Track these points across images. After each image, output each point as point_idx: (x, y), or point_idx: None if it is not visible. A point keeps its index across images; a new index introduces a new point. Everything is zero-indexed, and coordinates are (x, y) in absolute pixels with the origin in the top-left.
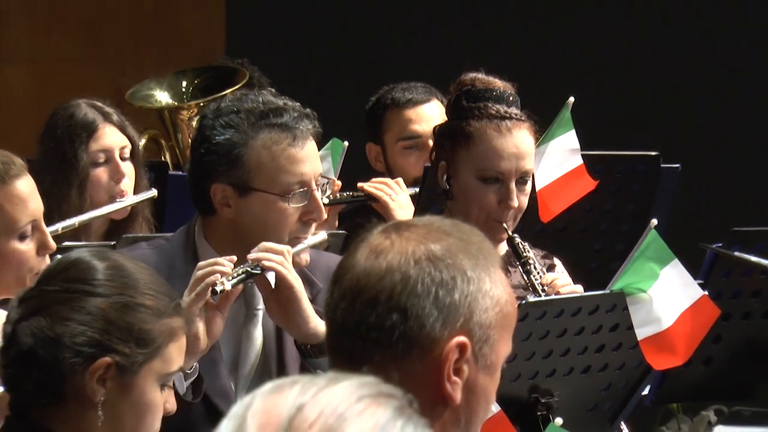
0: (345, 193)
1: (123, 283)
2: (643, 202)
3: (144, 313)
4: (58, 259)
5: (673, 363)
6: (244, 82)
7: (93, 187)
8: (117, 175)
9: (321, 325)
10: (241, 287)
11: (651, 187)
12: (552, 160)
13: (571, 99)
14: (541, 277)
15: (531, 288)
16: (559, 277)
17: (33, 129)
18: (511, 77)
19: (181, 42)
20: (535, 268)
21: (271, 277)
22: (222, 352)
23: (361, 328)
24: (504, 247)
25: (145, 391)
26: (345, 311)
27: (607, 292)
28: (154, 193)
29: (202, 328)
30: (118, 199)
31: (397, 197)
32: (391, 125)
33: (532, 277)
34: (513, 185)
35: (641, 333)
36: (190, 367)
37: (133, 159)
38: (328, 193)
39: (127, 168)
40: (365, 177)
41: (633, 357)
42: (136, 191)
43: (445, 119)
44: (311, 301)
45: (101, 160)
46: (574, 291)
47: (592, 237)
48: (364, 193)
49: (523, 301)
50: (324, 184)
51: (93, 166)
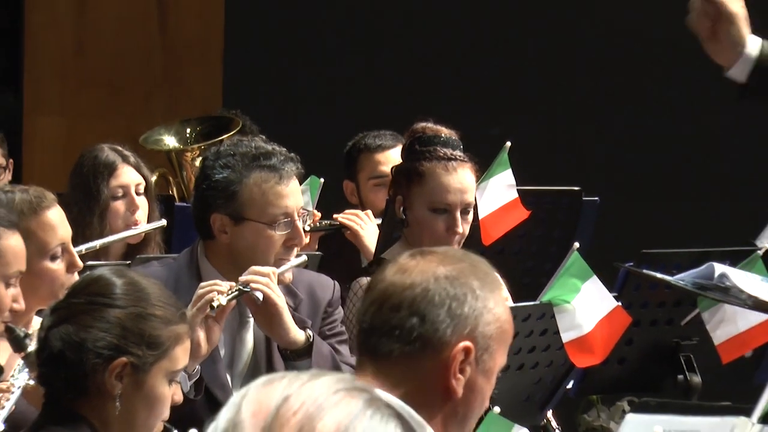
0: (324, 222)
1: (137, 296)
2: (568, 228)
3: (154, 321)
4: (82, 276)
5: (593, 361)
6: (237, 129)
7: (112, 217)
8: (132, 207)
9: (299, 335)
10: (234, 302)
11: (574, 217)
12: (492, 194)
13: (508, 143)
14: None
15: None
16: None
17: (63, 169)
18: (455, 126)
19: (186, 96)
20: None
21: (259, 294)
22: (220, 353)
23: (386, 327)
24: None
25: (156, 386)
26: (373, 314)
27: (537, 303)
28: (163, 222)
29: (203, 336)
30: (133, 227)
31: (366, 226)
32: (364, 166)
33: None
34: (458, 215)
35: (566, 337)
36: (193, 369)
37: (146, 193)
38: (309, 222)
39: (141, 201)
40: (340, 209)
41: (559, 356)
42: (149, 220)
43: (401, 160)
44: (294, 309)
45: (119, 195)
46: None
47: (525, 258)
48: (339, 222)
49: None
50: (305, 215)
51: (113, 199)
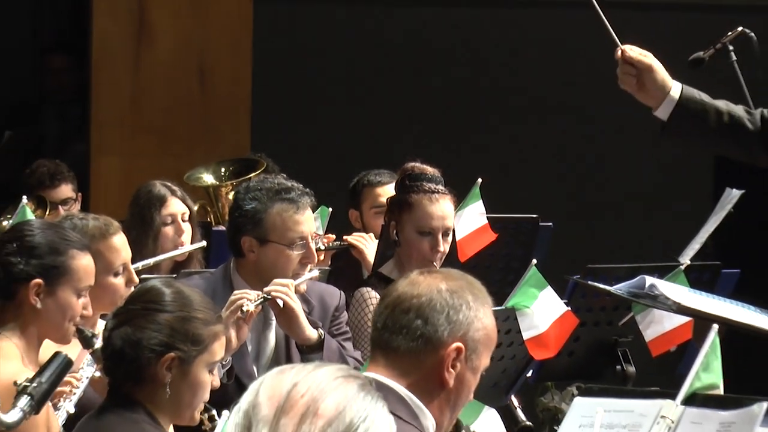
0: (336, 242)
1: (182, 303)
2: (527, 248)
3: (196, 323)
4: (138, 286)
5: (547, 355)
6: (262, 168)
7: (163, 239)
8: (179, 232)
9: (313, 334)
10: (260, 308)
11: (532, 238)
12: (467, 220)
13: (479, 180)
14: None
15: None
16: None
17: (121, 200)
18: (438, 165)
19: (221, 142)
20: None
21: (280, 301)
22: (248, 348)
23: (396, 326)
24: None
25: (198, 375)
26: (387, 316)
27: (503, 308)
28: (203, 243)
29: (234, 335)
30: (179, 247)
31: (369, 246)
32: (366, 198)
33: None
34: (440, 237)
35: (526, 335)
36: (226, 360)
37: (190, 220)
38: (321, 243)
39: (185, 227)
40: (346, 232)
41: (520, 351)
42: (192, 242)
43: (395, 193)
44: (308, 313)
45: (169, 222)
46: None
47: (493, 271)
48: (348, 242)
49: None
50: (317, 238)
51: (163, 225)
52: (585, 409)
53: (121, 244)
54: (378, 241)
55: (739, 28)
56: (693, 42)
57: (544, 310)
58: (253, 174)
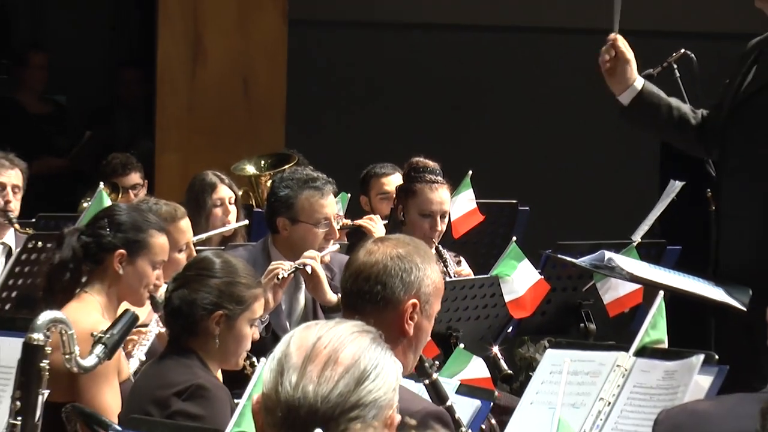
0: (350, 223)
1: (229, 270)
2: (509, 227)
3: (240, 286)
4: (193, 257)
5: (524, 314)
6: (294, 162)
7: (213, 219)
8: (226, 213)
9: (334, 297)
10: (292, 275)
11: (513, 220)
12: (460, 204)
13: (470, 172)
14: (453, 268)
15: (447, 274)
16: (463, 269)
17: (180, 188)
18: (437, 159)
19: (261, 140)
20: (448, 263)
21: (308, 269)
22: (282, 307)
23: (360, 292)
24: (432, 251)
25: (241, 329)
26: (351, 283)
27: (489, 276)
28: (246, 222)
29: (270, 296)
30: (227, 225)
31: (376, 226)
32: (373, 186)
33: (448, 268)
34: (438, 219)
35: (507, 298)
36: (264, 317)
37: (235, 203)
38: (341, 223)
39: (232, 209)
40: (359, 214)
41: (502, 311)
42: (237, 221)
43: (402, 182)
44: (330, 279)
45: (218, 204)
46: (469, 275)
47: (481, 246)
48: (359, 222)
49: (445, 280)
50: (338, 218)
51: (213, 207)
52: (555, 359)
53: (186, 226)
54: (386, 221)
55: (682, 50)
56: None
57: (521, 278)
58: (286, 166)
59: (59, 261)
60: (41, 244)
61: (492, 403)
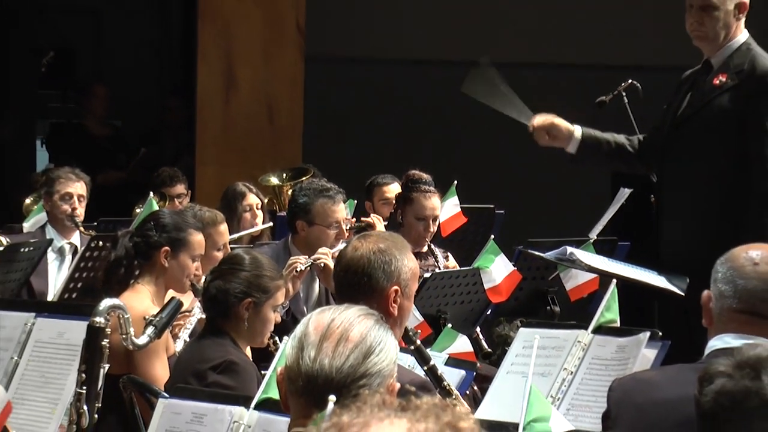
0: (356, 224)
1: (256, 264)
2: (487, 228)
3: (266, 278)
4: (227, 254)
5: (501, 299)
6: (311, 174)
7: (243, 221)
8: (254, 217)
9: None
10: (308, 268)
11: (490, 221)
12: (447, 209)
13: (455, 182)
14: (442, 262)
15: (437, 267)
16: (450, 262)
17: (216, 196)
18: (429, 172)
19: (282, 156)
20: (438, 258)
21: (321, 264)
22: (300, 294)
23: (351, 283)
24: (425, 249)
25: (267, 314)
26: (342, 276)
27: (471, 268)
28: (270, 224)
29: (290, 286)
30: (254, 227)
31: (379, 226)
32: (376, 193)
33: (438, 261)
34: (430, 222)
35: (486, 285)
36: (285, 303)
37: (261, 209)
38: (349, 226)
39: (259, 213)
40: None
41: (483, 297)
42: (263, 223)
43: (401, 191)
44: None
45: (247, 210)
46: (455, 267)
47: (465, 243)
48: (365, 221)
49: (435, 271)
50: (347, 221)
51: (243, 212)
52: (526, 336)
53: (224, 230)
54: (386, 223)
55: (630, 80)
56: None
57: (498, 270)
58: (304, 178)
59: (115, 258)
60: (101, 243)
61: (474, 373)
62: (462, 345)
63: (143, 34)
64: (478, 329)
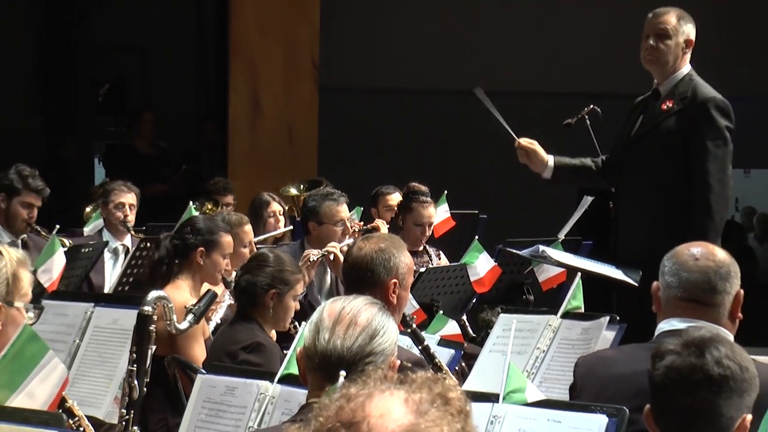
0: (364, 226)
1: (279, 261)
2: (472, 230)
3: (287, 273)
4: (254, 252)
5: (484, 290)
6: (324, 185)
7: (268, 226)
8: (277, 221)
9: None
10: (320, 260)
11: (475, 225)
12: (439, 214)
13: (446, 191)
14: (435, 260)
15: (431, 263)
16: (442, 260)
17: (245, 204)
18: (426, 184)
19: (300, 171)
20: (432, 256)
21: (332, 256)
22: (314, 284)
23: (358, 278)
24: (421, 248)
25: (288, 302)
26: (350, 272)
27: (459, 263)
28: (290, 228)
29: (306, 276)
30: (277, 230)
31: (383, 229)
32: (380, 202)
33: (431, 259)
34: (426, 227)
35: (472, 278)
36: (302, 292)
37: (283, 215)
38: (354, 227)
39: (281, 219)
40: (370, 222)
41: (469, 288)
42: (284, 227)
43: (402, 200)
44: None
45: (271, 216)
46: (446, 263)
47: (454, 243)
48: (371, 226)
49: (429, 267)
50: (351, 221)
51: (268, 217)
52: (506, 321)
53: (249, 229)
54: (389, 227)
55: (591, 105)
56: (567, 113)
57: (482, 265)
58: (318, 188)
59: (158, 258)
60: (149, 245)
61: (462, 352)
62: (452, 328)
63: (183, 68)
64: (465, 320)
